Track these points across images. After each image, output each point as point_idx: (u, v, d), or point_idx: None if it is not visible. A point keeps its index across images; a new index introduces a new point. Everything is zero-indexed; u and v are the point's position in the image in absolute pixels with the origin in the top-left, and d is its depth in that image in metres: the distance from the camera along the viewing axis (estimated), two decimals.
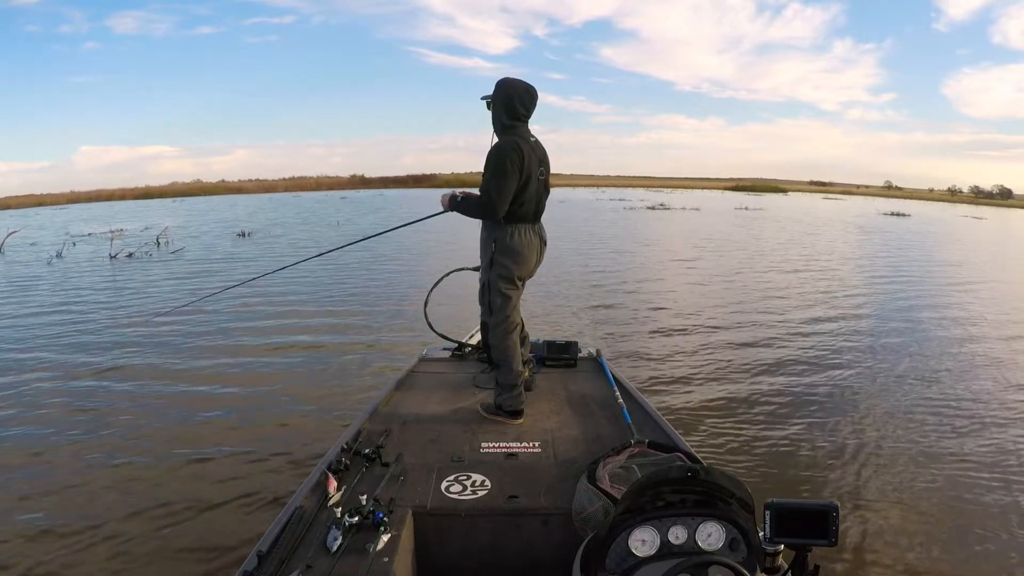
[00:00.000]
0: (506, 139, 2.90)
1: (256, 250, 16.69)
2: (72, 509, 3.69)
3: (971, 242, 24.94)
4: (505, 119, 2.92)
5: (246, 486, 3.91)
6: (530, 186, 2.94)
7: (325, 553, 1.97)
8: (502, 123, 2.93)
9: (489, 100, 2.95)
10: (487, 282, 3.08)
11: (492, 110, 2.95)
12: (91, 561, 3.20)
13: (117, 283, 11.80)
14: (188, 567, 3.16)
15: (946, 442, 4.76)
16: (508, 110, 2.91)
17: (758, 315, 9.15)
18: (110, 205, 49.79)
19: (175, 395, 5.60)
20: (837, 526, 1.49)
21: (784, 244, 19.67)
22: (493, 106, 2.94)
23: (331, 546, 1.98)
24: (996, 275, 14.56)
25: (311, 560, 1.94)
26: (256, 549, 1.98)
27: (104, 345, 7.29)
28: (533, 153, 2.94)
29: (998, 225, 38.66)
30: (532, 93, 2.95)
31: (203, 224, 26.72)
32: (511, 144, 2.87)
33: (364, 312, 9.02)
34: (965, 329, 8.60)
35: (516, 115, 2.92)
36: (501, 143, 2.90)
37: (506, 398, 3.11)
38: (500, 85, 2.92)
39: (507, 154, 2.84)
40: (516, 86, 2.92)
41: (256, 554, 1.95)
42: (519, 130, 2.94)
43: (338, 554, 1.96)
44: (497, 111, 2.93)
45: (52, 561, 3.21)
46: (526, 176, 2.89)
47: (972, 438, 4.84)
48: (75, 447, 4.52)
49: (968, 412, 5.38)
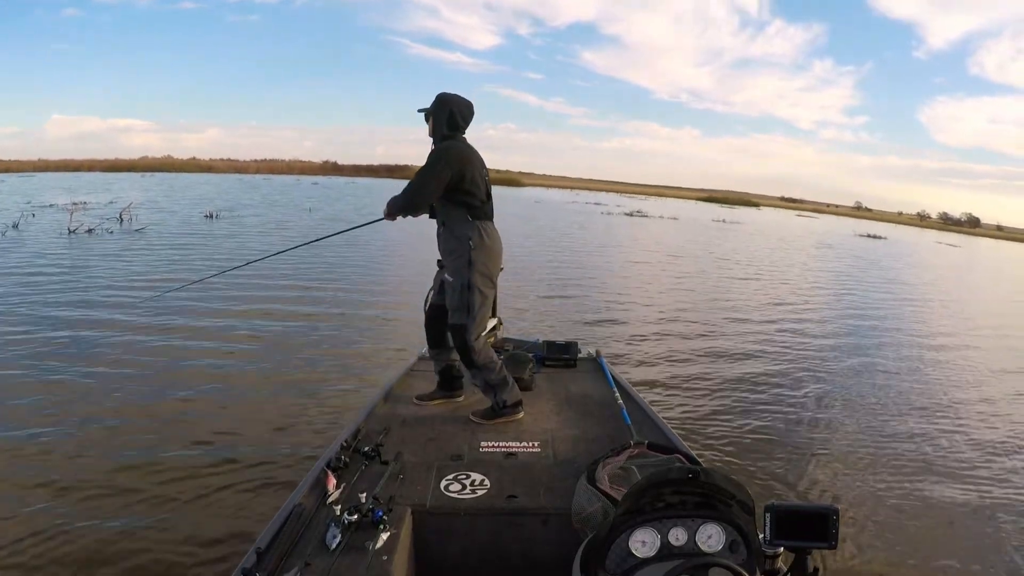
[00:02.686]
0: (447, 143, 3.05)
1: (223, 234, 16.09)
2: (63, 504, 3.51)
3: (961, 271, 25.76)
4: (446, 130, 3.06)
5: (243, 487, 3.77)
6: (485, 185, 3.10)
7: (324, 551, 1.96)
8: (442, 134, 3.06)
9: (428, 112, 3.09)
10: (466, 283, 3.05)
11: (432, 122, 3.09)
12: (84, 557, 3.07)
13: (69, 261, 11.14)
14: (185, 563, 3.07)
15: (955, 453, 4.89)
16: (449, 122, 3.05)
17: (772, 331, 9.22)
18: (77, 176, 48.23)
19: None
20: (837, 529, 1.51)
21: (781, 261, 19.79)
22: (433, 118, 3.08)
23: (330, 544, 1.97)
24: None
25: (310, 558, 1.93)
26: (255, 546, 1.97)
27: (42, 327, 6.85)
28: (476, 155, 3.10)
29: (975, 255, 40.02)
30: (471, 108, 3.13)
31: (171, 202, 25.89)
32: (452, 145, 3.03)
33: (363, 310, 8.88)
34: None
35: (456, 127, 3.08)
36: (442, 144, 3.04)
37: (506, 394, 3.14)
38: (442, 100, 3.07)
39: (444, 152, 2.99)
40: (458, 101, 3.08)
41: (255, 551, 1.93)
42: (458, 140, 3.08)
43: (337, 552, 1.95)
44: (438, 123, 3.06)
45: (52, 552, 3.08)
46: (479, 174, 3.05)
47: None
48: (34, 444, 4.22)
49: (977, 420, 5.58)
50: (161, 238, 14.70)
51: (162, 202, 25.91)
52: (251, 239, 15.46)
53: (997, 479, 4.54)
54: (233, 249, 13.52)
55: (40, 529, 3.22)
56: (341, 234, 4.26)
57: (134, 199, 22.94)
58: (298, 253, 12.44)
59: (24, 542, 3.12)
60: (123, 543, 3.17)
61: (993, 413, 6.13)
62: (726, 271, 15.67)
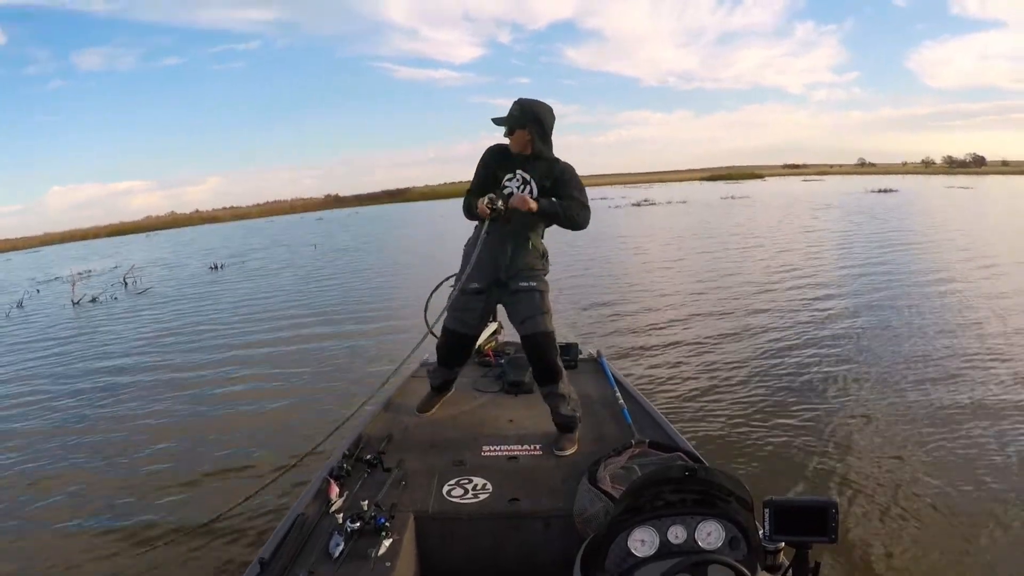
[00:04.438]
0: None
1: (228, 283, 16.06)
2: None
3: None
4: (548, 139, 2.93)
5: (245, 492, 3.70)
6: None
7: (327, 559, 1.96)
8: (549, 144, 2.93)
9: (517, 122, 2.85)
10: (545, 291, 3.00)
11: (537, 133, 2.86)
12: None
13: (75, 333, 10.96)
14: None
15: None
16: (549, 130, 2.92)
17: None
18: (83, 245, 48.92)
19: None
20: (837, 523, 1.51)
21: (803, 229, 19.31)
22: (543, 128, 2.87)
23: (333, 552, 1.97)
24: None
25: (313, 566, 1.94)
26: (259, 556, 1.99)
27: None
28: None
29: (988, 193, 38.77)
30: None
31: (176, 258, 26.06)
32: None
33: (362, 318, 9.15)
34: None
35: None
36: (568, 164, 2.95)
37: (574, 404, 2.98)
38: (542, 110, 2.87)
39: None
40: (549, 109, 2.92)
41: (259, 561, 1.95)
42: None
43: (340, 560, 1.95)
44: (548, 132, 2.90)
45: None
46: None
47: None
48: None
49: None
50: (165, 297, 14.60)
51: (168, 259, 26.12)
52: (258, 281, 15.58)
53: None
54: (244, 295, 13.54)
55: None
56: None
57: (137, 260, 23.18)
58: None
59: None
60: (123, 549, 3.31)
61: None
62: (746, 252, 15.14)
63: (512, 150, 2.91)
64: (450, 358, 3.20)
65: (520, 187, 2.89)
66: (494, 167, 2.95)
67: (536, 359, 2.96)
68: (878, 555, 3.17)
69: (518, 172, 2.90)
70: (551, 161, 2.92)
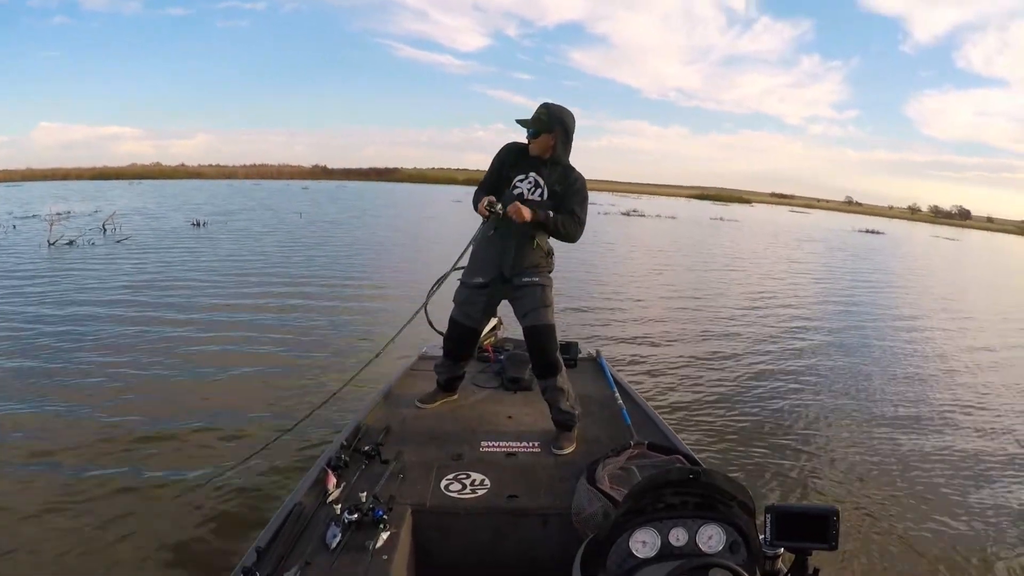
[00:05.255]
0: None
1: (210, 243, 15.67)
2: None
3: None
4: (569, 147, 2.96)
5: (237, 487, 3.77)
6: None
7: (324, 550, 1.96)
8: (568, 151, 2.97)
9: (543, 127, 2.88)
10: (548, 287, 3.05)
11: (560, 140, 2.91)
12: (96, 554, 3.11)
13: (47, 274, 10.62)
14: (184, 562, 3.09)
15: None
16: (571, 138, 2.96)
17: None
18: (65, 184, 47.73)
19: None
20: (837, 530, 1.52)
21: (788, 262, 19.52)
22: (564, 136, 2.91)
23: (330, 543, 1.97)
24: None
25: (310, 557, 1.92)
26: (255, 545, 1.97)
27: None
28: None
29: (986, 248, 40.04)
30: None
31: (158, 210, 25.40)
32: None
33: (362, 307, 8.94)
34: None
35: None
36: (582, 175, 2.99)
37: (572, 400, 3.01)
38: (567, 118, 2.91)
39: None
40: (574, 116, 2.95)
41: (255, 550, 1.94)
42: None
43: (337, 551, 1.94)
44: (568, 141, 2.94)
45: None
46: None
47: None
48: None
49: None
50: (144, 247, 14.26)
51: (151, 209, 25.54)
52: (240, 246, 15.25)
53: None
54: (223, 257, 13.27)
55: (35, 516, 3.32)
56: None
57: (120, 208, 22.49)
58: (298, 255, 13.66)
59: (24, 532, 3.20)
60: (120, 542, 3.19)
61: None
62: (735, 271, 15.56)
63: (532, 152, 2.94)
64: (455, 350, 3.22)
65: (531, 189, 2.94)
66: (509, 166, 3.00)
67: (537, 351, 3.00)
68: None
69: (531, 174, 2.94)
70: (567, 168, 2.97)
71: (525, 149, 2.96)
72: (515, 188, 2.95)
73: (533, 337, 2.99)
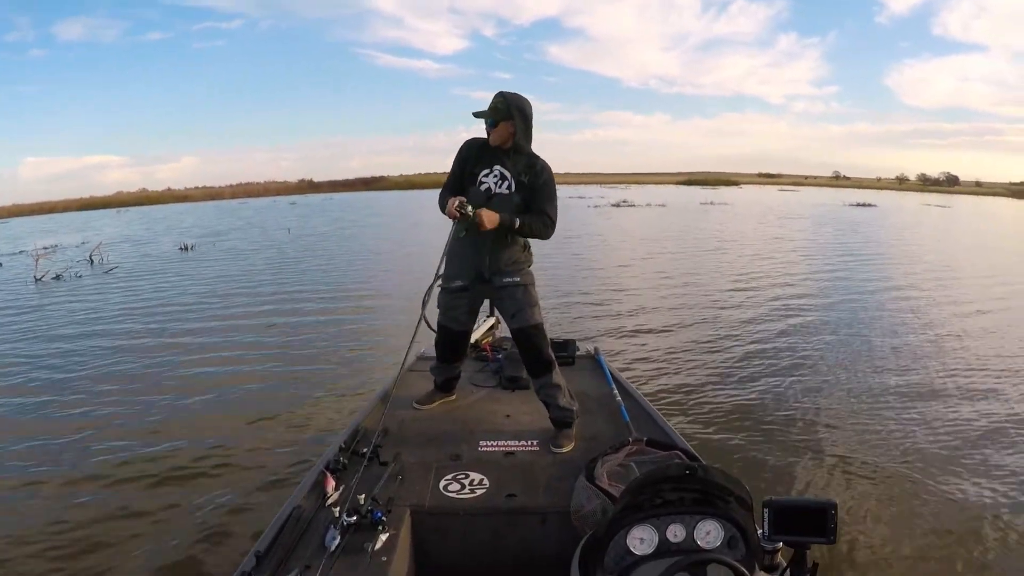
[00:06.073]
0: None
1: (199, 265, 15.57)
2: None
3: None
4: (530, 134, 2.90)
5: (239, 490, 3.87)
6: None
7: (323, 553, 1.95)
8: (529, 139, 2.90)
9: (500, 116, 2.82)
10: (530, 284, 2.99)
11: (519, 128, 2.83)
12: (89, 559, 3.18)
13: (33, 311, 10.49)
14: (185, 566, 3.13)
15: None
16: (531, 125, 2.90)
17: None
18: (52, 217, 47.39)
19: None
20: (835, 524, 1.51)
21: (803, 240, 19.48)
22: (523, 124, 2.84)
23: (329, 546, 1.96)
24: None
25: (309, 560, 1.92)
26: (254, 549, 1.97)
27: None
28: None
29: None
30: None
31: (146, 236, 25.30)
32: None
33: (361, 309, 9.03)
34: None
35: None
36: (548, 164, 2.92)
37: (569, 396, 3.00)
38: (524, 105, 2.85)
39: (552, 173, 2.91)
40: (530, 103, 2.89)
41: (254, 554, 1.94)
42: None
43: (336, 554, 1.94)
44: (528, 129, 2.87)
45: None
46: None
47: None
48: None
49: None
50: (131, 277, 14.05)
51: (138, 236, 25.43)
52: (230, 266, 15.17)
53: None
54: (213, 278, 13.21)
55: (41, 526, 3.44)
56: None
57: (106, 237, 22.45)
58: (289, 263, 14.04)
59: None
60: (120, 545, 3.25)
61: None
62: (729, 256, 15.47)
63: (492, 143, 2.88)
64: (445, 353, 3.23)
65: (498, 182, 2.88)
66: (472, 162, 2.94)
67: (527, 351, 2.98)
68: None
69: (496, 167, 2.89)
70: (531, 156, 2.92)
71: (486, 143, 2.90)
72: (481, 184, 2.88)
73: (523, 339, 2.97)
